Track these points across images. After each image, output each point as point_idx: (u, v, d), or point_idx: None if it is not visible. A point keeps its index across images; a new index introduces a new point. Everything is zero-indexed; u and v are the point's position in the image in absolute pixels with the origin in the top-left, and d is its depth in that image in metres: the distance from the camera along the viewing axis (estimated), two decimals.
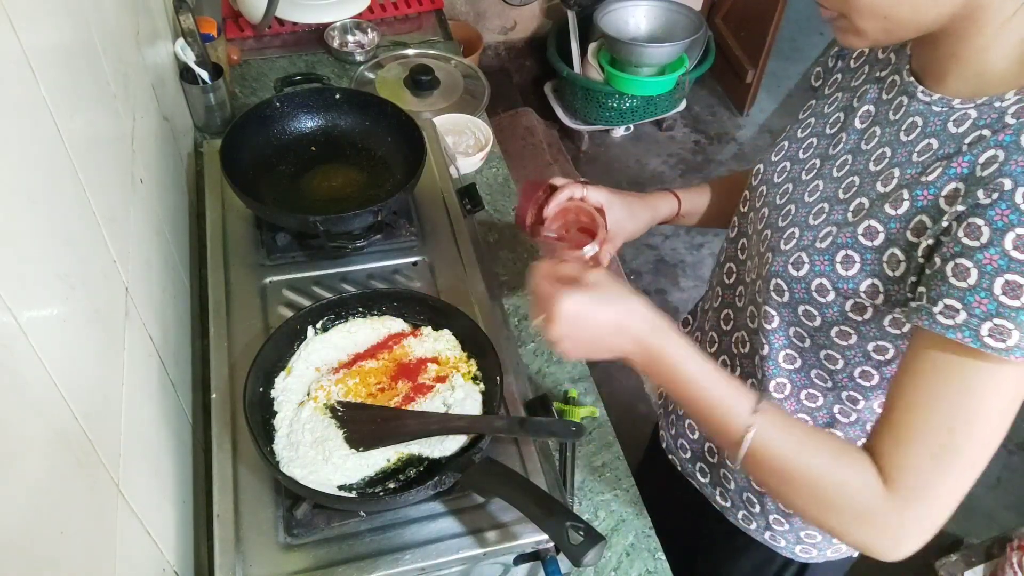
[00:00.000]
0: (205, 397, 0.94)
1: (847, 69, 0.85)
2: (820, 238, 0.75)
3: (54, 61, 0.68)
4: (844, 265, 0.72)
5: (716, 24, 3.21)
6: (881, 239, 0.69)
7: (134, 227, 0.86)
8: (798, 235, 0.78)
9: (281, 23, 1.67)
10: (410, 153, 1.14)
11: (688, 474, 1.06)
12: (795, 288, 0.77)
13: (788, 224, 0.80)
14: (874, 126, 0.76)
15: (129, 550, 0.66)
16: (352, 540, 0.80)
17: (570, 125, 3.02)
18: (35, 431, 0.52)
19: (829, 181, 0.79)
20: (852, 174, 0.76)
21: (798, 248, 0.77)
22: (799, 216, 0.79)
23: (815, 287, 0.75)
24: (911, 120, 0.72)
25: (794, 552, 0.97)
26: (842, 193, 0.76)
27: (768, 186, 0.87)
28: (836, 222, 0.75)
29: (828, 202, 0.77)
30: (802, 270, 0.76)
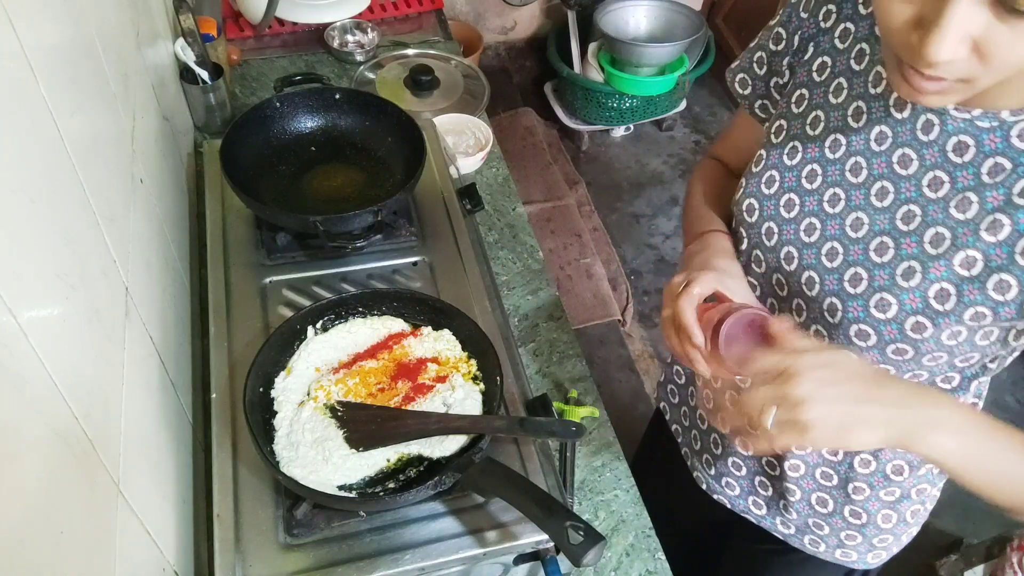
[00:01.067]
0: (205, 397, 0.94)
1: (811, 84, 0.80)
2: (900, 275, 0.71)
3: (54, 61, 0.68)
4: (939, 299, 0.69)
5: (716, 24, 3.21)
6: (980, 267, 0.67)
7: (134, 227, 0.86)
8: (867, 276, 0.73)
9: (281, 23, 1.67)
10: (410, 153, 1.14)
11: (741, 510, 1.02)
12: (884, 331, 0.73)
13: (843, 264, 0.75)
14: (901, 148, 0.72)
15: (129, 550, 0.66)
16: (352, 540, 0.80)
17: (570, 125, 3.02)
18: (35, 431, 0.52)
19: (875, 212, 0.73)
20: (904, 203, 0.71)
21: (875, 289, 0.72)
22: (854, 254, 0.74)
23: (910, 326, 0.71)
24: (957, 140, 0.68)
25: (866, 560, 0.95)
26: (902, 224, 0.71)
27: (778, 223, 0.81)
28: (914, 256, 0.70)
29: (888, 236, 0.72)
30: (890, 312, 0.72)
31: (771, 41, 0.84)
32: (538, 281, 1.26)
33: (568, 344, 1.19)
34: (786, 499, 0.94)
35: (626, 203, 2.90)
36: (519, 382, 0.96)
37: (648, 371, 2.38)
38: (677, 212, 2.87)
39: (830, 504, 0.91)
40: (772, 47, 0.84)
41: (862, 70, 0.75)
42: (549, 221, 2.57)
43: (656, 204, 2.90)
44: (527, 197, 2.57)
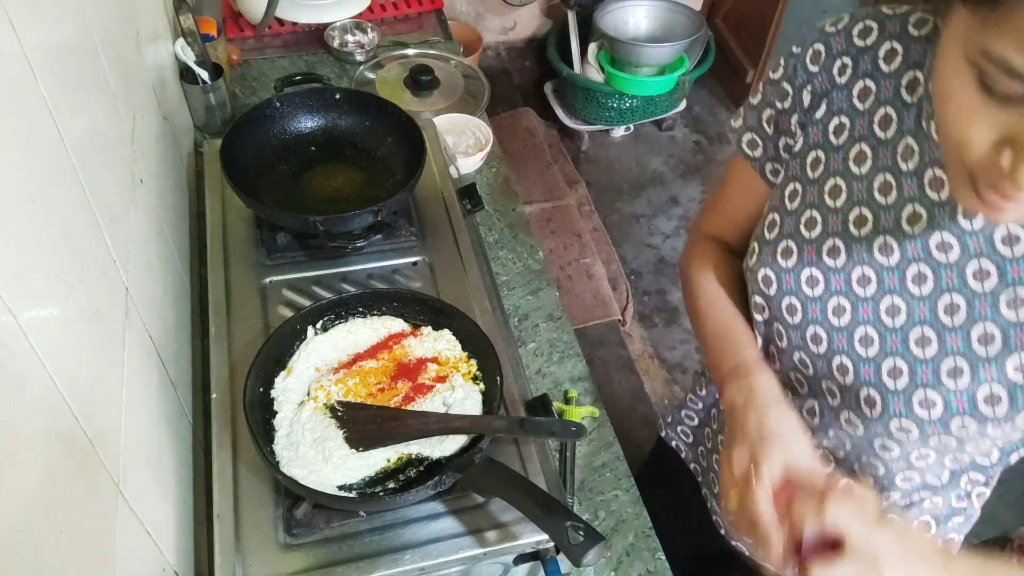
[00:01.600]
0: (205, 397, 0.94)
1: (827, 147, 0.73)
2: (946, 373, 0.66)
3: (54, 61, 0.68)
4: (989, 403, 0.65)
5: (716, 24, 3.21)
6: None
7: (134, 227, 0.86)
8: (908, 370, 0.69)
9: (281, 23, 1.67)
10: (410, 153, 1.14)
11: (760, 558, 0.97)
12: (928, 428, 0.69)
13: (880, 354, 0.70)
14: (938, 231, 0.66)
15: (129, 550, 0.66)
16: (352, 540, 0.80)
17: (570, 125, 3.02)
18: (35, 431, 0.52)
19: (913, 299, 0.68)
20: (946, 291, 0.66)
21: (918, 385, 0.68)
22: (892, 344, 0.69)
23: (954, 426, 0.67)
24: (1006, 232, 0.63)
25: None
26: (944, 316, 0.66)
27: (800, 299, 0.75)
28: (960, 352, 0.66)
29: (930, 327, 0.67)
30: (935, 411, 0.68)
31: (777, 98, 0.76)
32: (538, 281, 1.26)
33: (568, 344, 1.19)
34: None
35: (626, 203, 2.90)
36: (519, 382, 0.96)
37: (648, 371, 2.38)
38: (677, 212, 2.87)
39: None
40: (779, 104, 0.76)
41: (889, 139, 0.69)
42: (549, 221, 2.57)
43: (656, 204, 2.90)
44: (527, 197, 2.57)
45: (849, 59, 0.71)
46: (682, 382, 2.37)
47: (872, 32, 0.70)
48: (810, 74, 0.73)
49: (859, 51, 0.70)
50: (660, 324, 2.54)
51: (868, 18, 0.70)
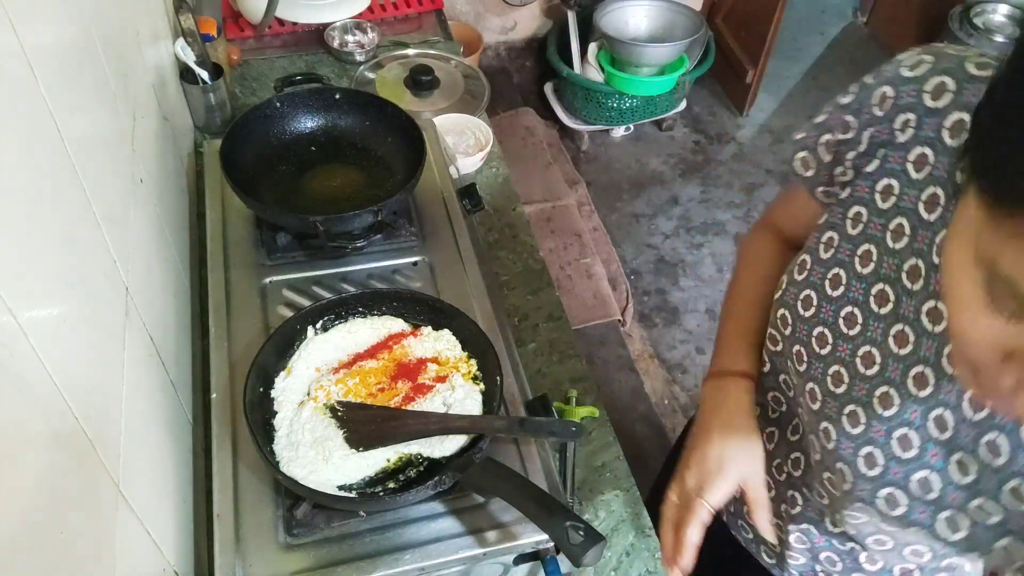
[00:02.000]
0: (205, 397, 0.94)
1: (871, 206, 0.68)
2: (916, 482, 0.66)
3: (54, 61, 0.68)
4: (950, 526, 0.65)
5: (716, 24, 3.21)
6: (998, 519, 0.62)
7: (134, 227, 0.85)
8: (883, 464, 0.68)
9: (281, 23, 1.67)
10: (410, 153, 1.14)
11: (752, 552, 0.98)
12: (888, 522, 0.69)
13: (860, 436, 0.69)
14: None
15: (129, 550, 0.66)
16: (352, 540, 0.80)
17: (570, 125, 3.02)
18: (35, 431, 0.52)
19: (907, 398, 0.65)
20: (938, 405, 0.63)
21: (887, 483, 0.68)
22: (875, 433, 0.68)
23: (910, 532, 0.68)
24: None
25: None
26: (934, 428, 0.64)
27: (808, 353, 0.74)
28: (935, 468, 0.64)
29: (916, 432, 0.66)
30: (897, 511, 0.67)
31: (839, 128, 0.71)
32: (538, 281, 1.26)
33: (568, 344, 1.19)
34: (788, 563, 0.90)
35: (626, 203, 2.90)
36: (519, 382, 0.96)
37: (648, 371, 2.38)
38: (677, 212, 2.87)
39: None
40: (840, 134, 0.71)
41: (930, 222, 0.64)
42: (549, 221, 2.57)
43: (656, 204, 2.90)
44: (527, 197, 2.57)
45: (914, 116, 0.64)
46: (682, 382, 2.37)
47: (946, 93, 0.62)
48: (874, 116, 0.67)
49: (927, 111, 0.63)
50: (660, 324, 2.54)
51: (947, 74, 0.62)
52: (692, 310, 2.57)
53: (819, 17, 3.80)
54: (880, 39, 3.65)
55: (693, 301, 2.60)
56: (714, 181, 3.00)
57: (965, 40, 2.95)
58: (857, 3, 3.81)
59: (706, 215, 2.87)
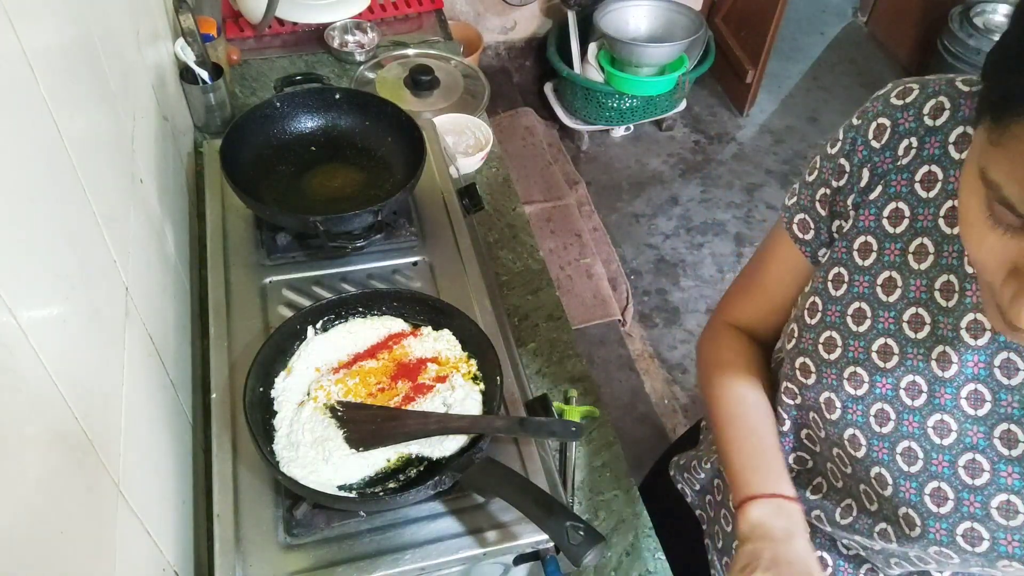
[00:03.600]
0: (205, 397, 0.94)
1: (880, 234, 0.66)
2: (997, 509, 0.61)
3: (54, 61, 0.68)
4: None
5: (716, 24, 3.21)
6: None
7: (134, 227, 0.86)
8: (954, 497, 0.63)
9: (281, 23, 1.67)
10: (410, 153, 1.14)
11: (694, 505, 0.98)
12: (971, 560, 0.64)
13: (921, 473, 0.64)
14: (1004, 351, 0.60)
15: (129, 550, 0.66)
16: (352, 540, 0.80)
17: (570, 125, 3.02)
18: (35, 431, 0.52)
19: (964, 420, 0.62)
20: (1003, 419, 0.60)
21: (964, 517, 0.62)
22: (937, 465, 0.63)
23: (1001, 566, 0.62)
24: None
25: None
26: (1001, 446, 0.61)
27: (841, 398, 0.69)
28: (1014, 490, 0.60)
29: (982, 454, 0.62)
30: (981, 547, 0.62)
31: (833, 176, 0.70)
32: (538, 281, 1.26)
33: (568, 344, 1.19)
34: None
35: (626, 203, 2.90)
36: (519, 382, 0.96)
37: (648, 371, 2.38)
38: (677, 212, 2.87)
39: None
40: (834, 183, 0.70)
41: (955, 236, 0.62)
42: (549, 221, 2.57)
43: (656, 204, 2.90)
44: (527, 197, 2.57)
45: (916, 140, 0.64)
46: (682, 382, 2.37)
47: (944, 111, 0.63)
48: (871, 149, 0.66)
49: (928, 131, 0.63)
50: (660, 324, 2.54)
51: (942, 94, 0.63)
52: (692, 310, 2.57)
53: (819, 17, 3.80)
54: (880, 39, 3.65)
55: (693, 301, 2.60)
56: (714, 181, 3.00)
57: (965, 40, 2.95)
58: (857, 3, 3.81)
59: (706, 215, 2.87)
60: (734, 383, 0.81)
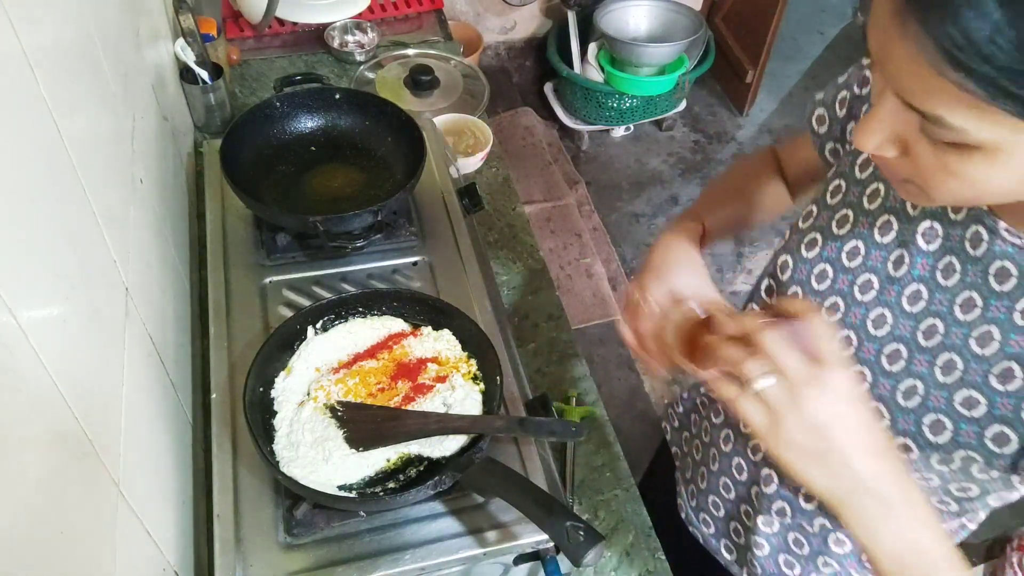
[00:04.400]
0: (205, 397, 0.94)
1: None
2: (903, 392, 0.67)
3: (54, 61, 0.68)
4: (933, 430, 0.65)
5: (716, 24, 3.21)
6: (983, 411, 0.62)
7: (134, 227, 0.86)
8: (871, 379, 0.70)
9: (281, 23, 1.67)
10: (410, 153, 1.14)
11: (712, 549, 1.00)
12: None
13: (850, 359, 0.71)
14: (948, 255, 0.65)
15: (129, 550, 0.66)
16: (352, 540, 0.80)
17: (570, 125, 3.02)
18: (35, 431, 0.52)
19: (900, 314, 0.68)
20: (931, 315, 0.66)
21: (874, 398, 0.69)
22: (867, 352, 0.70)
23: (898, 445, 0.68)
24: (1001, 265, 0.61)
25: None
26: (922, 339, 0.66)
27: (805, 289, 0.76)
28: (920, 375, 0.66)
29: (904, 344, 0.68)
30: (882, 423, 0.68)
31: (857, 82, 0.76)
32: (538, 281, 1.26)
33: (568, 344, 1.19)
34: (753, 552, 0.91)
35: (626, 203, 2.90)
36: (519, 382, 0.96)
37: (648, 370, 2.38)
38: (677, 212, 2.87)
39: (796, 569, 0.88)
40: (856, 89, 0.76)
41: None
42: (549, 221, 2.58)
43: (656, 204, 2.90)
44: (527, 197, 2.57)
45: None
46: (682, 381, 2.37)
47: None
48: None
49: None
50: None
51: None
52: None
53: (819, 17, 3.80)
54: None
55: None
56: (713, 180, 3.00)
57: None
58: (857, 3, 3.81)
59: None
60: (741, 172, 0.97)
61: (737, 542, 0.95)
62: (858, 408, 0.56)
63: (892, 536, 0.57)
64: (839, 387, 0.55)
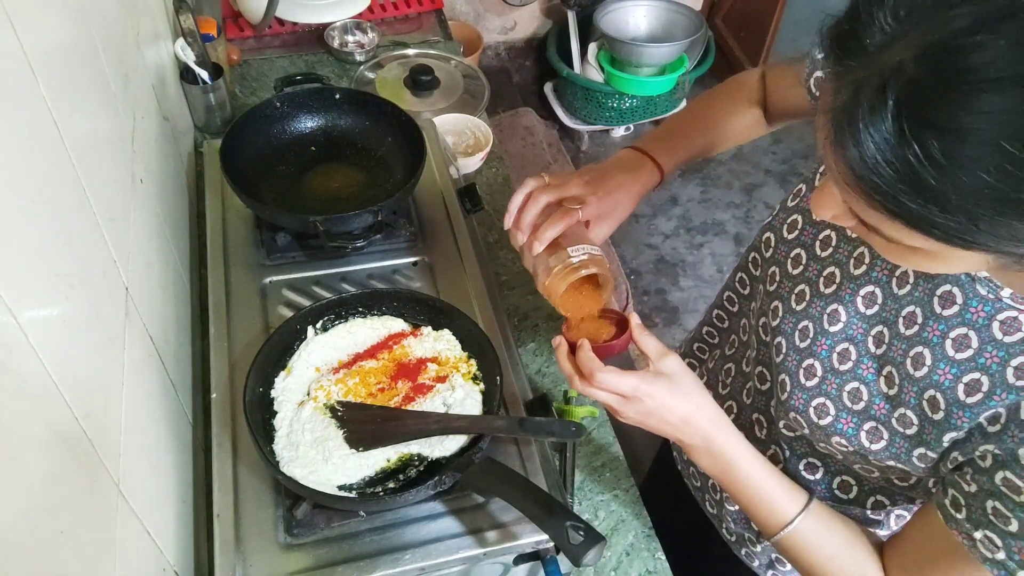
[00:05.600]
0: (205, 397, 0.94)
1: None
2: (849, 394, 0.70)
3: (54, 61, 0.68)
4: (870, 437, 0.68)
5: (716, 24, 3.21)
6: (914, 431, 0.65)
7: (134, 227, 0.85)
8: (820, 375, 0.72)
9: (281, 23, 1.67)
10: (410, 153, 1.14)
11: (699, 499, 1.05)
12: (816, 432, 0.74)
13: (807, 349, 0.74)
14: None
15: (129, 550, 0.66)
16: (352, 540, 0.80)
17: (570, 125, 3.02)
18: (35, 431, 0.52)
19: (854, 315, 0.71)
20: (880, 322, 0.69)
21: (822, 393, 0.72)
22: (819, 346, 0.73)
23: (835, 442, 0.72)
24: (948, 289, 0.63)
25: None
26: (872, 344, 0.69)
27: (781, 272, 0.79)
28: (865, 381, 0.69)
29: (854, 345, 0.71)
30: (824, 420, 0.72)
31: None
32: None
33: None
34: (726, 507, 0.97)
35: None
36: (519, 382, 0.96)
37: None
38: (677, 212, 2.87)
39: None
40: None
41: None
42: None
43: (656, 204, 2.90)
44: None
45: None
46: None
47: None
48: None
49: None
50: (660, 323, 2.54)
51: None
52: (692, 310, 2.57)
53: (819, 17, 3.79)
54: None
55: (693, 301, 2.60)
56: (714, 181, 3.00)
57: None
58: None
59: (706, 215, 2.87)
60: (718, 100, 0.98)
61: (715, 499, 1.00)
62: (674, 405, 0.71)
63: (709, 466, 0.74)
64: (653, 397, 0.72)
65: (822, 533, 0.72)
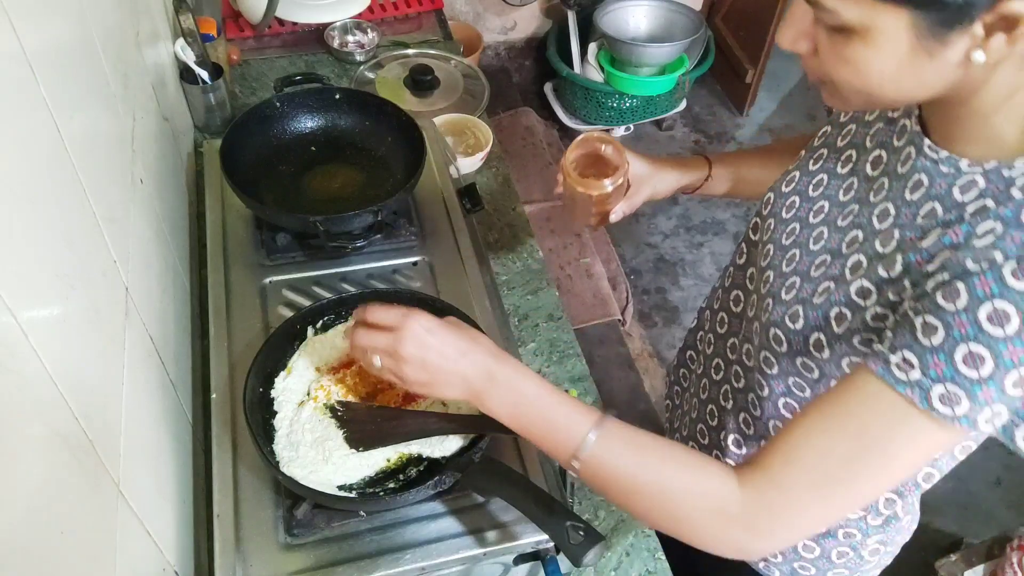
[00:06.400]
0: (205, 397, 0.94)
1: None
2: (818, 292, 0.73)
3: (54, 61, 0.68)
4: (838, 321, 0.70)
5: (716, 24, 3.21)
6: (872, 299, 0.67)
7: (134, 227, 0.86)
8: (798, 285, 0.76)
9: (281, 23, 1.67)
10: (410, 153, 1.14)
11: None
12: (793, 340, 0.75)
13: (791, 271, 0.78)
14: (883, 176, 0.72)
15: (129, 550, 0.66)
16: (352, 540, 0.80)
17: (570, 125, 3.02)
18: (35, 431, 0.52)
19: (834, 231, 0.75)
20: (856, 227, 0.73)
21: (797, 300, 0.75)
22: (802, 264, 0.77)
23: (812, 342, 0.73)
24: (916, 177, 0.68)
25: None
26: (845, 247, 0.73)
27: (776, 220, 0.83)
28: (833, 276, 0.72)
29: (831, 254, 0.74)
30: (798, 323, 0.74)
31: None
32: (538, 281, 1.26)
33: (568, 344, 1.19)
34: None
35: None
36: None
37: (648, 369, 2.38)
38: (677, 211, 2.87)
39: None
40: None
41: None
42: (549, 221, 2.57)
43: (656, 203, 2.88)
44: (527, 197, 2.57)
45: None
46: None
47: None
48: None
49: None
50: (660, 323, 2.54)
51: None
52: (692, 309, 2.57)
53: None
54: None
55: (693, 300, 2.60)
56: None
57: None
58: None
59: (706, 214, 2.87)
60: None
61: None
62: (431, 342, 0.72)
63: (498, 402, 0.72)
64: (411, 337, 0.72)
65: (628, 441, 0.70)
